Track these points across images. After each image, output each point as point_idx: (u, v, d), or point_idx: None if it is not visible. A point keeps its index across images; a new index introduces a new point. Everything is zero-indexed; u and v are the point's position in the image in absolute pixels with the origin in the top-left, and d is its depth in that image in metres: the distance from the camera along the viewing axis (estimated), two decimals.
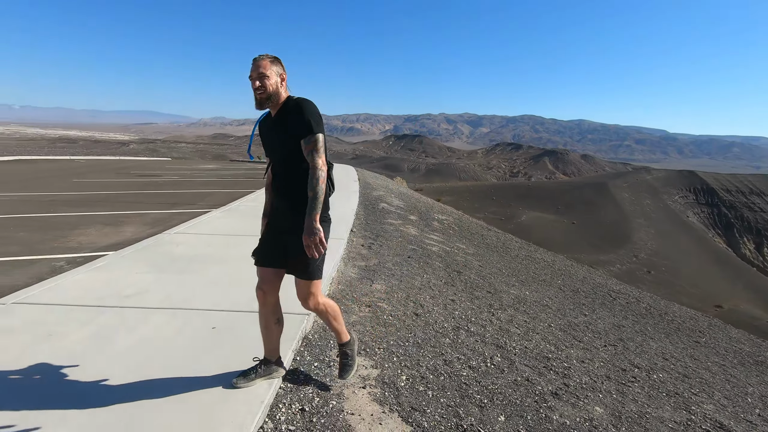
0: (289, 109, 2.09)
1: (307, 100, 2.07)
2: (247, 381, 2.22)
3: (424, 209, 11.46)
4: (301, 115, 2.03)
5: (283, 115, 2.11)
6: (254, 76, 2.04)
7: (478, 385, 2.67)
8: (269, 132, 2.17)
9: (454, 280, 5.32)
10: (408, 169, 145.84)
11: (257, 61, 2.05)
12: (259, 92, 2.04)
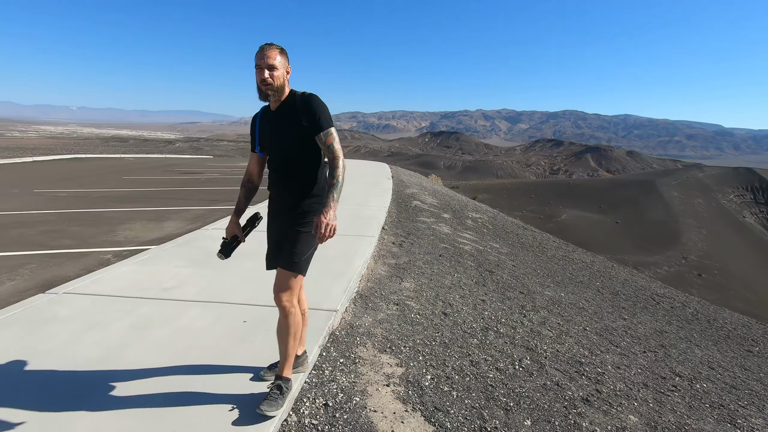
0: (295, 104, 2.02)
1: (315, 95, 2.02)
2: (274, 374, 2.28)
3: (458, 207, 11.33)
4: (313, 112, 1.98)
5: (287, 110, 2.03)
6: (263, 65, 1.95)
7: (504, 388, 2.62)
8: (270, 127, 2.09)
9: (486, 279, 5.23)
10: (444, 167, 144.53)
11: (267, 51, 1.96)
12: (265, 84, 1.96)
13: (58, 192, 9.90)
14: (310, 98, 2.01)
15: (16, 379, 2.25)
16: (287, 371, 2.14)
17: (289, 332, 2.09)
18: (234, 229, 2.24)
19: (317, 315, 3.12)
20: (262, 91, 1.98)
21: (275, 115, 2.07)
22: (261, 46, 1.98)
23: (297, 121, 2.00)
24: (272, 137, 2.09)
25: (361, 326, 3.22)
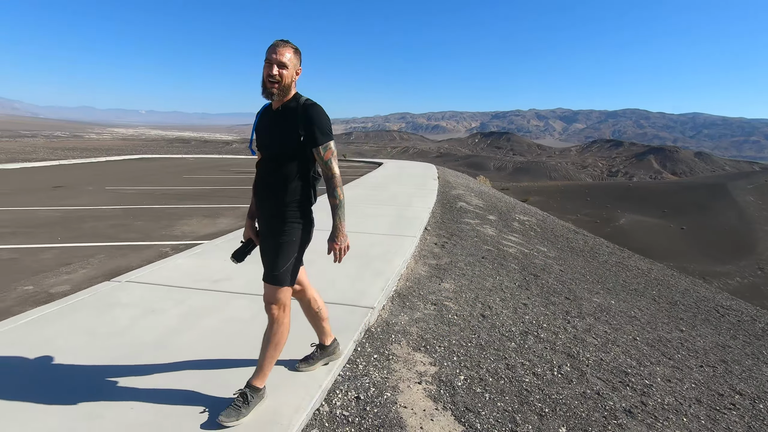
0: (297, 109, 1.95)
1: (318, 106, 1.95)
2: (308, 365, 2.37)
3: (505, 209, 11.08)
4: (313, 123, 1.92)
5: (287, 113, 1.96)
6: (273, 60, 1.87)
7: (540, 393, 2.56)
8: (268, 126, 2.03)
9: (530, 283, 5.10)
10: (494, 168, 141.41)
11: (280, 48, 1.89)
12: (272, 80, 1.89)
13: (126, 189, 10.74)
14: (312, 108, 1.94)
15: (83, 357, 2.49)
16: (259, 380, 2.04)
17: (272, 340, 2.03)
18: (248, 232, 2.21)
19: (354, 311, 3.20)
20: (267, 87, 1.91)
21: (275, 116, 2.01)
22: (275, 42, 1.91)
23: (294, 129, 1.93)
24: (266, 138, 2.03)
25: (397, 324, 3.26)
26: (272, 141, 2.00)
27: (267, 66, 1.89)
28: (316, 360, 2.42)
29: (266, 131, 2.03)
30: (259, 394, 2.05)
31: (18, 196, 9.30)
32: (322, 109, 1.95)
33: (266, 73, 1.89)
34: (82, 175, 13.89)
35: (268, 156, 2.03)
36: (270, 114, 2.03)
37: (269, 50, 1.89)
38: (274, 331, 2.04)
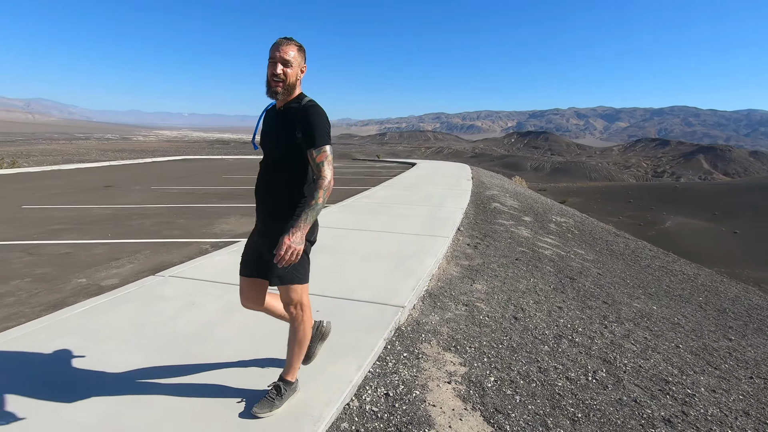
0: (299, 109, 1.90)
1: (316, 107, 1.90)
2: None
3: (541, 210, 10.82)
4: (309, 124, 1.86)
5: (288, 114, 1.93)
6: (277, 59, 1.84)
7: (573, 398, 2.50)
8: (270, 127, 2.00)
9: (565, 286, 4.97)
10: (531, 168, 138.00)
11: (284, 46, 1.85)
12: (277, 79, 1.86)
13: (170, 189, 11.26)
14: (311, 109, 1.88)
15: (130, 345, 2.65)
16: (290, 375, 2.10)
17: (295, 339, 2.07)
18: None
19: (385, 310, 3.23)
20: (272, 86, 1.87)
21: (277, 115, 1.98)
22: (278, 40, 1.87)
23: (292, 129, 1.88)
24: (268, 138, 1.98)
25: (428, 324, 3.27)
26: (273, 141, 1.96)
27: (271, 64, 1.85)
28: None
29: (268, 131, 1.99)
30: (292, 387, 2.11)
31: (74, 195, 9.94)
32: (322, 110, 1.90)
33: (270, 71, 1.85)
34: (130, 176, 14.66)
35: (270, 155, 1.99)
36: (273, 113, 2.01)
37: (273, 48, 1.86)
38: (297, 329, 2.07)
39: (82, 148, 57.32)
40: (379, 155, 44.89)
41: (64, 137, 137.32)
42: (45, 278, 4.19)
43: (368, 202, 8.50)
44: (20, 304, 3.55)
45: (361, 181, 13.47)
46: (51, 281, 4.11)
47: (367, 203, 8.41)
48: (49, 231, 6.19)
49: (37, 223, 6.69)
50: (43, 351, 2.57)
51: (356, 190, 10.86)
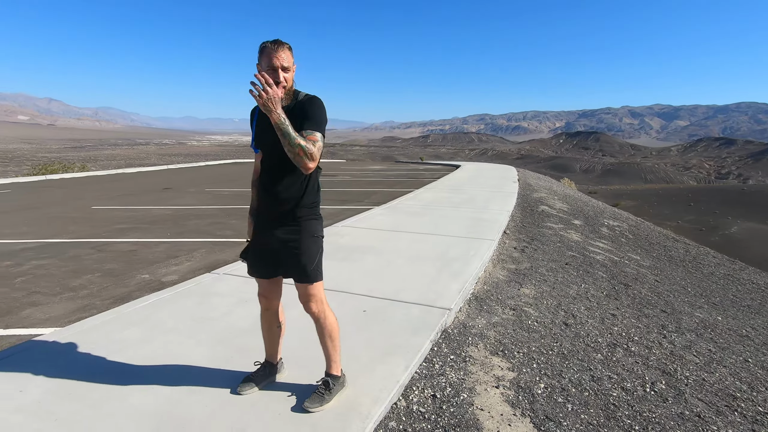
0: (300, 103, 1.91)
1: (316, 98, 1.91)
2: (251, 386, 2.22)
3: (592, 213, 10.38)
4: (307, 112, 1.86)
5: (292, 110, 1.89)
6: (276, 66, 1.79)
7: (629, 410, 2.39)
8: (269, 125, 1.86)
9: (620, 293, 4.75)
10: (580, 170, 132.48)
11: (280, 52, 1.80)
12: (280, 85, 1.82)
13: (222, 191, 11.79)
14: (311, 100, 1.90)
15: (190, 336, 2.82)
16: (335, 369, 2.16)
17: (325, 334, 2.12)
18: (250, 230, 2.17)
19: (430, 311, 3.23)
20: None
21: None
22: (273, 45, 1.81)
23: (296, 123, 1.83)
24: (270, 136, 1.86)
25: (474, 327, 3.23)
26: (276, 139, 1.85)
27: (271, 73, 1.79)
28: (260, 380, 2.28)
29: (268, 130, 1.86)
30: (340, 382, 2.16)
31: (137, 197, 10.64)
32: (319, 100, 1.91)
33: (272, 80, 1.76)
34: (186, 178, 15.49)
35: (272, 154, 1.94)
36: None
37: (270, 56, 1.79)
38: (323, 326, 2.12)
39: (143, 153, 61.19)
40: (422, 157, 44.76)
41: (127, 143, 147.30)
42: (113, 273, 4.52)
43: (412, 204, 8.51)
44: (92, 297, 3.86)
45: (404, 183, 13.49)
46: (118, 276, 4.43)
47: (411, 205, 8.42)
48: (116, 230, 6.66)
49: (105, 223, 7.22)
50: (113, 340, 2.78)
51: (400, 192, 10.90)
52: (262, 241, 2.09)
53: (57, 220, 7.56)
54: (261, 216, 2.08)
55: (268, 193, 2.00)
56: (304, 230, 2.01)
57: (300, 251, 2.00)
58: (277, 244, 2.02)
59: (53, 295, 3.91)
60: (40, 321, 3.35)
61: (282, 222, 2.01)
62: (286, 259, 2.02)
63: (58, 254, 5.27)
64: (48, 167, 19.84)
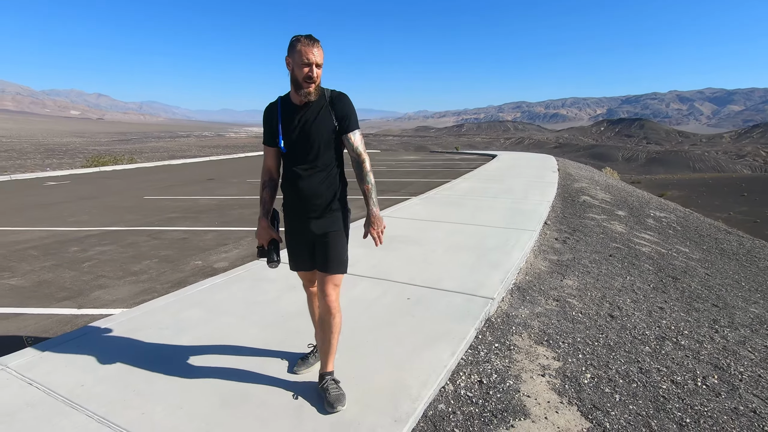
0: (331, 100, 1.98)
1: (347, 95, 2.00)
2: (307, 366, 2.36)
3: (637, 204, 10.01)
4: (346, 112, 1.98)
5: (319, 106, 1.96)
6: (311, 62, 1.84)
7: (680, 402, 2.36)
8: (299, 122, 1.97)
9: (667, 286, 4.61)
10: (623, 159, 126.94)
11: (315, 48, 1.85)
12: (310, 81, 1.87)
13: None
14: (343, 97, 1.99)
15: (244, 318, 2.99)
16: (331, 364, 2.17)
17: (334, 330, 2.10)
18: (270, 233, 2.13)
19: (473, 300, 3.27)
20: (304, 87, 1.89)
21: (305, 110, 1.97)
22: (308, 40, 1.84)
23: (330, 119, 1.95)
24: (303, 133, 1.95)
25: (518, 317, 3.25)
26: (314, 136, 1.96)
27: (305, 66, 1.85)
28: (316, 360, 2.38)
29: (299, 126, 1.96)
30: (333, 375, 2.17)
31: (183, 187, 11.14)
32: (348, 97, 2.01)
33: (305, 74, 1.86)
34: (227, 169, 16.03)
35: (306, 152, 1.98)
36: (296, 109, 1.98)
37: (305, 51, 1.83)
38: (335, 320, 2.09)
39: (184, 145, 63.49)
40: (457, 147, 44.21)
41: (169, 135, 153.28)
42: (168, 259, 4.81)
43: (449, 195, 8.50)
44: (152, 281, 4.13)
45: (440, 174, 13.44)
46: (173, 262, 4.71)
47: (448, 195, 8.41)
48: (167, 218, 7.04)
49: (157, 212, 7.63)
50: (177, 320, 3.00)
51: (436, 182, 10.88)
52: (297, 238, 2.11)
53: (113, 209, 8.05)
54: (292, 213, 2.09)
55: (300, 189, 2.01)
56: (337, 222, 2.07)
57: (335, 243, 2.06)
58: (313, 237, 2.06)
59: (117, 278, 4.22)
60: (108, 302, 3.64)
61: (316, 216, 2.04)
62: (321, 251, 2.06)
63: (118, 241, 5.64)
64: (100, 159, 21.01)
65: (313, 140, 1.96)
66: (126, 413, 2.00)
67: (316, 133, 1.96)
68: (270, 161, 2.13)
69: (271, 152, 2.10)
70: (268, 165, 2.14)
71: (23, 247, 5.41)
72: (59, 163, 26.04)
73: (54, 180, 13.14)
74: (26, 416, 1.99)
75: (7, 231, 6.33)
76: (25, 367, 2.40)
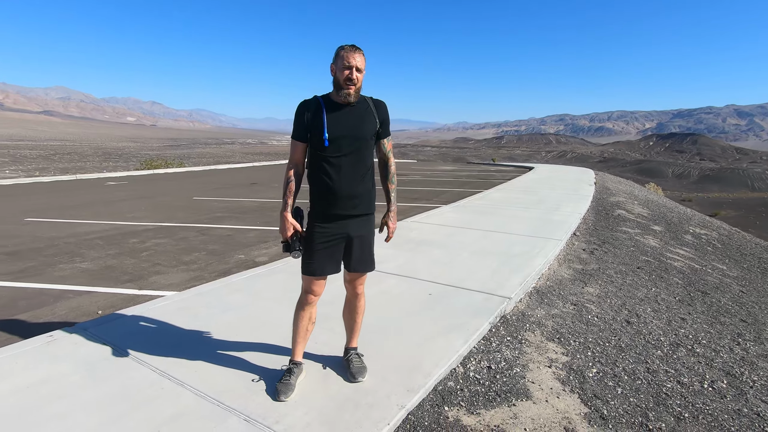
0: (369, 105, 2.15)
1: (386, 104, 2.22)
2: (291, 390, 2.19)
3: (676, 220, 9.77)
4: (386, 118, 2.20)
5: (360, 108, 2.12)
6: (353, 65, 2.01)
7: (682, 399, 2.49)
8: (345, 121, 2.08)
9: (694, 300, 4.61)
10: (673, 175, 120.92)
11: (357, 54, 2.03)
12: (350, 83, 2.02)
13: (302, 186, 12.71)
14: (384, 105, 2.22)
15: (282, 303, 3.35)
16: (356, 341, 2.48)
17: (359, 312, 2.40)
18: (294, 225, 2.15)
19: (490, 298, 3.49)
20: (344, 88, 2.04)
21: (352, 110, 2.10)
22: (351, 48, 2.04)
23: (374, 121, 2.15)
24: (350, 129, 2.08)
25: (533, 316, 3.43)
26: (359, 136, 2.09)
27: (347, 70, 2.01)
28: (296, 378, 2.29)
29: (345, 125, 2.08)
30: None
31: (229, 190, 11.88)
32: (386, 106, 2.24)
33: (346, 75, 2.01)
34: (269, 174, 16.82)
35: (351, 150, 2.09)
36: (340, 109, 2.09)
37: (347, 56, 2.01)
38: (360, 305, 2.41)
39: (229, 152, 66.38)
40: (494, 158, 43.88)
41: (215, 142, 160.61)
42: (215, 253, 5.29)
43: (480, 204, 8.66)
44: (201, 270, 4.60)
45: (474, 184, 13.57)
46: (219, 255, 5.18)
47: (479, 204, 8.58)
48: (214, 217, 7.62)
49: (205, 211, 8.26)
50: (223, 302, 3.40)
51: (469, 192, 11.05)
52: (330, 239, 2.14)
53: (166, 207, 8.77)
54: (330, 212, 2.12)
55: (341, 187, 2.07)
56: (372, 224, 2.25)
57: (370, 243, 2.25)
58: (347, 238, 2.16)
59: (171, 267, 4.72)
60: (164, 285, 4.11)
61: (355, 215, 2.14)
62: (358, 251, 2.18)
63: (171, 235, 6.21)
64: (152, 163, 22.51)
65: (359, 138, 2.08)
66: (181, 370, 2.37)
67: (363, 132, 2.10)
68: (298, 156, 2.16)
69: (301, 147, 2.14)
70: (296, 160, 2.17)
71: (91, 237, 6.08)
72: (114, 165, 28.05)
73: (114, 180, 14.29)
74: (103, 366, 2.41)
75: (77, 223, 7.08)
76: (99, 330, 2.85)
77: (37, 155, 41.04)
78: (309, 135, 2.10)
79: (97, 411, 2.03)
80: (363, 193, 2.14)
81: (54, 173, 18.60)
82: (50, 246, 5.58)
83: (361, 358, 2.45)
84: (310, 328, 2.33)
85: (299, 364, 2.32)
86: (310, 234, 2.16)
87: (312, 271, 2.18)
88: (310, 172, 2.17)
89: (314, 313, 2.32)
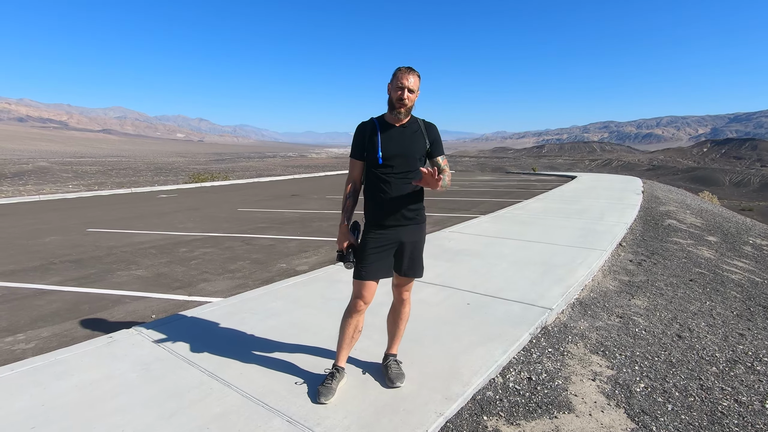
0: (422, 125, 2.31)
1: (435, 125, 2.37)
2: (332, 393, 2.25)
3: (734, 230, 9.18)
4: (438, 138, 2.35)
5: (413, 128, 2.28)
6: (405, 86, 2.14)
7: (739, 419, 2.34)
8: (398, 141, 2.24)
9: (755, 315, 4.32)
10: (731, 183, 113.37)
11: (411, 75, 2.16)
12: (402, 103, 2.16)
13: (341, 197, 12.96)
14: (434, 126, 2.37)
15: (322, 312, 3.44)
16: (397, 348, 2.54)
17: (403, 318, 2.47)
18: (349, 237, 2.30)
19: (531, 309, 3.43)
20: (397, 107, 2.19)
21: (403, 131, 2.27)
22: (406, 69, 2.18)
23: (424, 141, 2.29)
24: (402, 148, 2.23)
25: (576, 328, 3.34)
26: (412, 155, 2.25)
27: (399, 90, 2.16)
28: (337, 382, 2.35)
29: (398, 145, 2.24)
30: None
31: (270, 201, 12.28)
32: (436, 127, 2.38)
33: (398, 95, 2.17)
34: (309, 187, 17.24)
35: (403, 168, 2.24)
36: (393, 129, 2.26)
37: (401, 76, 2.16)
38: (405, 311, 2.48)
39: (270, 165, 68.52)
40: (535, 168, 42.87)
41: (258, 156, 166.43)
42: (258, 261, 5.49)
43: (519, 214, 8.51)
44: (245, 278, 4.79)
45: (513, 194, 13.33)
46: (262, 264, 5.37)
47: (518, 214, 8.43)
48: (257, 228, 7.91)
49: (249, 222, 8.58)
50: (266, 308, 3.53)
51: (508, 202, 10.87)
52: (384, 246, 2.28)
53: (212, 218, 9.18)
54: (382, 221, 2.27)
55: (394, 200, 2.24)
56: (423, 231, 2.37)
57: (421, 250, 2.38)
58: (400, 245, 2.30)
59: (218, 274, 4.94)
60: (211, 292, 4.32)
61: (408, 224, 2.29)
62: (409, 257, 2.32)
63: (217, 245, 6.51)
64: (199, 176, 23.60)
65: (409, 156, 2.24)
66: (228, 372, 2.49)
67: (413, 150, 2.25)
68: (356, 173, 2.35)
69: (358, 165, 2.33)
70: (354, 176, 2.35)
71: (145, 246, 6.47)
72: (165, 179, 29.61)
73: (165, 193, 15.12)
74: (157, 366, 2.56)
75: (132, 233, 7.56)
76: (153, 333, 3.04)
77: (96, 171, 44.07)
78: (365, 154, 2.27)
79: (153, 407, 2.17)
80: (413, 206, 2.29)
81: (111, 187, 19.92)
82: (109, 254, 5.99)
83: (400, 365, 2.48)
84: (356, 336, 2.39)
85: (341, 370, 2.39)
86: (365, 241, 2.30)
87: (364, 275, 2.27)
88: (366, 187, 2.34)
89: (361, 322, 2.39)
